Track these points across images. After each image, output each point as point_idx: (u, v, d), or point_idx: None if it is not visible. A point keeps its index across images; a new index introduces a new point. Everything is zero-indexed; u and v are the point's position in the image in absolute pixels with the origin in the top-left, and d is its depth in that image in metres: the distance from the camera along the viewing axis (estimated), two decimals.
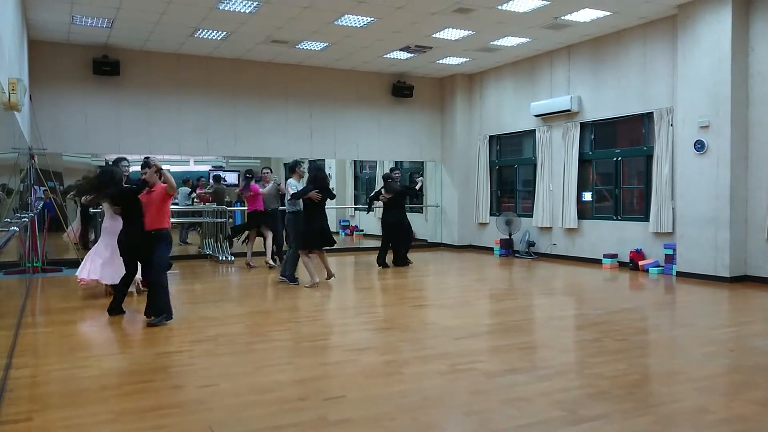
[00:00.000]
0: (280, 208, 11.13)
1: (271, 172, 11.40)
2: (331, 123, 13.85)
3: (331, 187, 9.24)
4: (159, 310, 6.23)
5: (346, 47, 11.90)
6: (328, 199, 9.01)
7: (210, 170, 22.05)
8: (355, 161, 17.57)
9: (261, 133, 13.13)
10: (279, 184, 10.89)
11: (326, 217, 9.14)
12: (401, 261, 11.30)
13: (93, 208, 10.47)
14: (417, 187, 11.77)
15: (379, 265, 11.08)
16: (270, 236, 10.99)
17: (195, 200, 15.33)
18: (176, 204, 13.93)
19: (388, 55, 12.56)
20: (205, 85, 12.57)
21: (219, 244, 12.34)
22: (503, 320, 6.64)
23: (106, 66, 11.53)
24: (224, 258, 11.95)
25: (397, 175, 11.56)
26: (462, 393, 4.11)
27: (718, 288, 8.55)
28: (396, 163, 15.70)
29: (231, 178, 21.52)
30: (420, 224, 16.46)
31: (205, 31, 10.74)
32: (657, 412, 3.75)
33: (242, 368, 4.74)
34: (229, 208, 13.72)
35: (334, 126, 13.90)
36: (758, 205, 8.84)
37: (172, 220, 8.54)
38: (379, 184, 15.73)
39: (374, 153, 14.82)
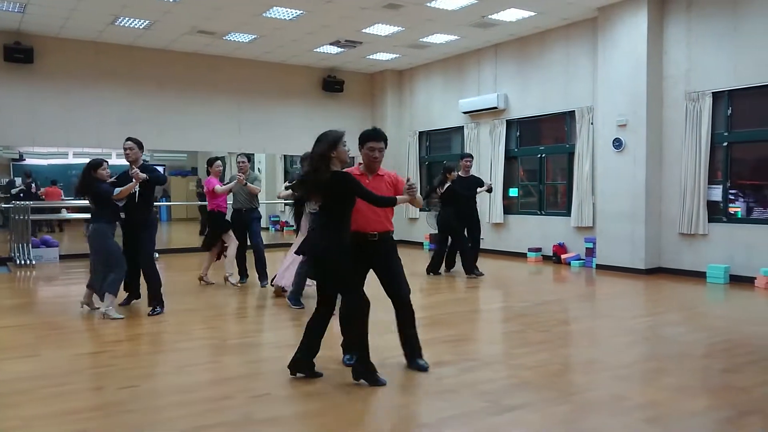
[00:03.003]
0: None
1: (249, 161, 8.60)
2: (260, 117, 13.63)
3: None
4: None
5: (276, 40, 11.73)
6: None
7: None
8: (285, 156, 17.37)
9: (187, 126, 12.77)
10: (243, 180, 8.10)
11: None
12: (469, 268, 9.32)
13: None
14: (484, 189, 9.63)
15: (471, 275, 9.23)
16: (233, 245, 8.26)
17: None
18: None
19: (318, 49, 12.47)
20: (128, 76, 12.10)
21: None
22: (431, 314, 6.72)
23: (18, 53, 10.92)
24: None
25: (469, 162, 9.50)
26: (389, 387, 4.13)
27: (635, 280, 8.97)
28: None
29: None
30: None
31: (127, 19, 10.34)
32: (576, 400, 3.89)
33: (165, 368, 4.60)
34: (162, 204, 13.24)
35: (264, 120, 13.68)
36: (671, 201, 9.32)
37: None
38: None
39: (305, 148, 14.50)
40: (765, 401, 3.86)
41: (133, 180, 6.19)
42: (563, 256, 10.67)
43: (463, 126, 12.94)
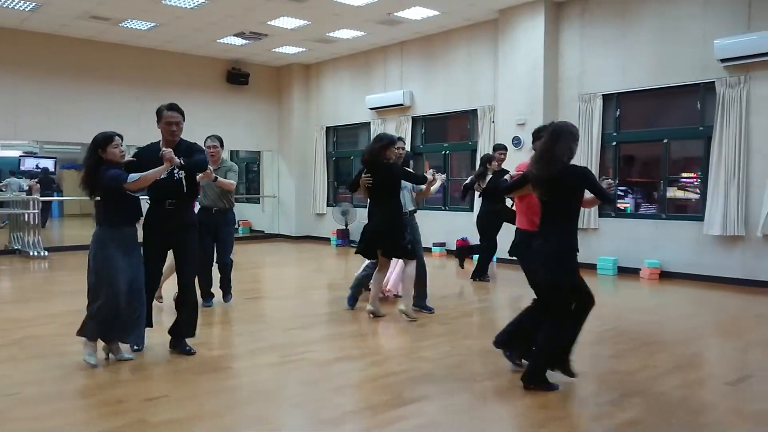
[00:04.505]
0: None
1: (222, 146, 6.75)
2: None
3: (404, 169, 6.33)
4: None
5: (177, 29, 11.31)
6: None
7: (20, 156, 19.97)
8: None
9: (80, 116, 12.05)
10: (212, 175, 6.01)
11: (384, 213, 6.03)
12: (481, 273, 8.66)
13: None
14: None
15: (477, 279, 8.59)
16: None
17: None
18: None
19: (222, 40, 12.15)
20: (12, 62, 11.28)
21: (31, 237, 11.17)
22: (338, 309, 6.72)
23: None
24: (36, 253, 10.86)
25: (502, 155, 8.17)
26: (292, 384, 4.10)
27: None
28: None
29: (47, 165, 19.65)
30: (257, 215, 16.20)
31: (11, 0, 9.63)
32: (475, 389, 4.01)
33: (52, 373, 4.33)
34: (44, 199, 12.47)
35: None
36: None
37: None
38: None
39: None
40: (645, 383, 4.13)
41: (164, 163, 4.31)
42: None
43: (369, 122, 13.02)
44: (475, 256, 9.21)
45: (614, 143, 9.44)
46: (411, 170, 6.32)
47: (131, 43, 12.29)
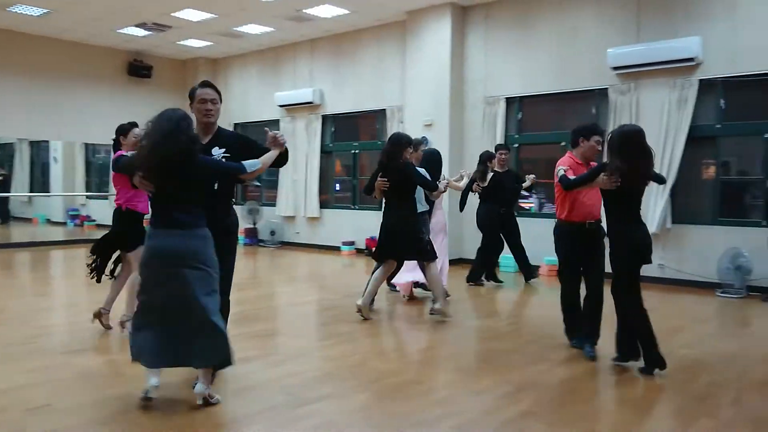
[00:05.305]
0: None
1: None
2: (55, 100, 12.36)
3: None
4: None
5: (72, 16, 10.70)
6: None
7: None
8: (86, 144, 15.95)
9: None
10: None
11: (396, 218, 5.98)
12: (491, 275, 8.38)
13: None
14: (525, 185, 8.28)
15: (472, 282, 8.20)
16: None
17: None
18: None
19: (122, 30, 11.61)
20: None
21: None
22: (242, 309, 6.56)
23: None
24: None
25: (504, 155, 8.07)
26: (190, 388, 3.97)
27: None
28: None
29: None
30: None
31: None
32: (374, 388, 4.04)
33: None
34: None
35: (60, 104, 12.44)
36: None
37: None
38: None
39: (109, 136, 13.52)
40: (539, 376, 4.30)
41: (273, 147, 3.90)
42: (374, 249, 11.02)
43: (279, 119, 12.84)
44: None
45: (516, 145, 9.78)
46: (426, 174, 6.10)
47: (20, 29, 11.51)
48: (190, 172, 3.50)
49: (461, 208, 8.02)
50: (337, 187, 12.39)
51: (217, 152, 3.82)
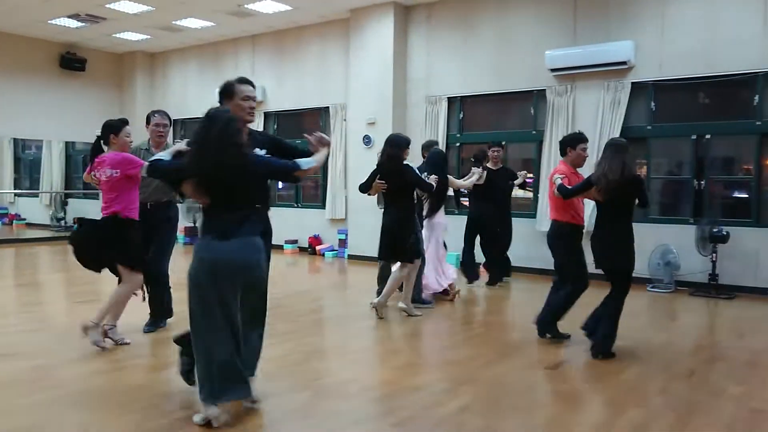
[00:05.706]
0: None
1: (169, 125, 5.86)
2: None
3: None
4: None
5: (3, 5, 10.22)
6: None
7: None
8: (15, 140, 15.26)
9: None
10: None
11: (394, 217, 6.04)
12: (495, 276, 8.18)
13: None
14: (517, 183, 8.18)
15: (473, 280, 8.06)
16: (132, 283, 4.91)
17: None
18: None
19: (54, 21, 11.16)
20: None
21: None
22: (183, 309, 6.42)
23: None
24: None
25: (496, 153, 7.98)
26: (120, 392, 3.85)
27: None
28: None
29: None
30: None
31: None
32: (314, 386, 4.02)
33: None
34: None
35: None
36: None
37: None
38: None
39: (40, 131, 13.10)
40: (477, 371, 4.37)
41: (321, 147, 3.82)
42: (318, 248, 11.00)
43: None
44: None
45: (458, 144, 9.91)
46: (422, 176, 6.18)
47: None
48: (247, 175, 3.30)
49: (458, 205, 8.58)
50: (280, 185, 12.25)
51: (259, 153, 3.59)
